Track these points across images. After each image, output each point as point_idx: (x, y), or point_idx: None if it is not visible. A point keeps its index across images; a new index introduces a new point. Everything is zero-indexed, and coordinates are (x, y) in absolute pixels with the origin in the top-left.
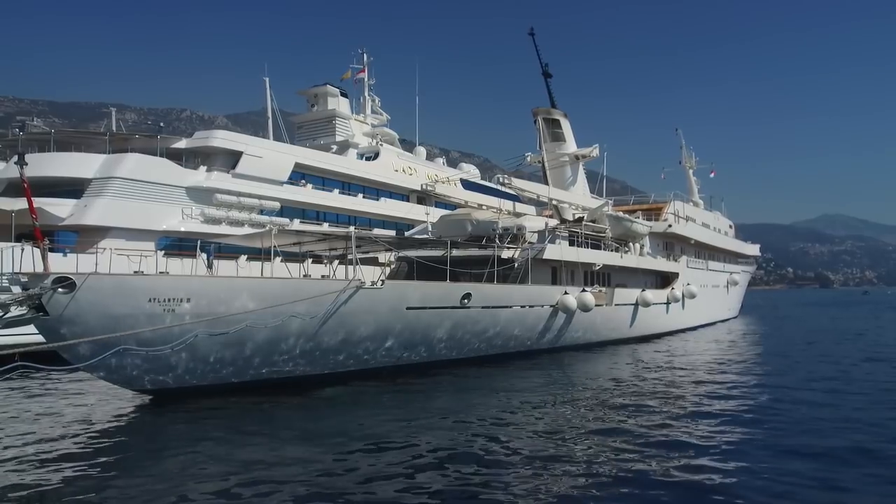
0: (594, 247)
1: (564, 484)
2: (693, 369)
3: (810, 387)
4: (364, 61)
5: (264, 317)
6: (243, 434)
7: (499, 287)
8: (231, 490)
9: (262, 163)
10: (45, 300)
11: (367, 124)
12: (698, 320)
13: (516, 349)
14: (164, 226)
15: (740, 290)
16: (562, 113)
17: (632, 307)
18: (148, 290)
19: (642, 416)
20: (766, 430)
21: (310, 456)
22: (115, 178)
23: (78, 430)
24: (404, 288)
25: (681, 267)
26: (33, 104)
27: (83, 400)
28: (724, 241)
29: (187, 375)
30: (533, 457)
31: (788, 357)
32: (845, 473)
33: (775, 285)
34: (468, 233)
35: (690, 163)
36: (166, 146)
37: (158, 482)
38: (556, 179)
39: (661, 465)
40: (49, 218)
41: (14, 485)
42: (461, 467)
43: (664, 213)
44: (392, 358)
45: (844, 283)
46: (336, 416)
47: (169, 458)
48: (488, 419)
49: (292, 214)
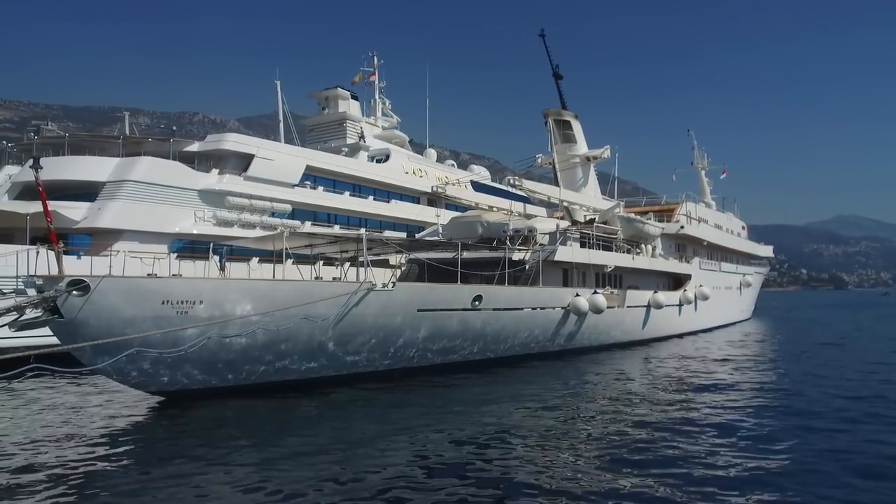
0: (606, 248)
1: (576, 485)
2: (707, 372)
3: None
4: (374, 64)
5: (276, 319)
6: (256, 436)
7: (510, 289)
8: (243, 492)
9: (273, 165)
10: (60, 302)
11: (378, 127)
12: (711, 322)
13: (527, 351)
14: (177, 228)
15: (753, 291)
16: (573, 114)
17: (644, 309)
18: (161, 293)
19: (655, 420)
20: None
21: (323, 457)
22: (128, 182)
23: (91, 432)
24: (415, 290)
25: (693, 268)
26: (48, 109)
27: (96, 402)
28: (736, 242)
29: (200, 377)
30: (541, 458)
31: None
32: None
33: (789, 287)
34: (479, 235)
35: (702, 164)
36: (179, 149)
37: (172, 484)
38: (567, 181)
39: (677, 470)
40: (63, 221)
41: (23, 487)
42: (473, 468)
43: (676, 214)
44: (403, 360)
45: (859, 285)
46: (348, 417)
47: (182, 459)
48: (499, 421)
49: (304, 217)
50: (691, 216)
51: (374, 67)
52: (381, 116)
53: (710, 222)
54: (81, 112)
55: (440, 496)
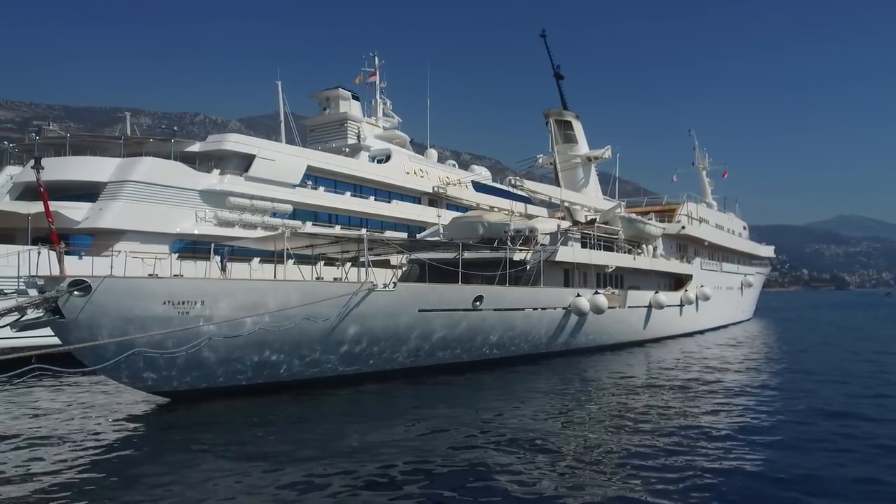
0: (607, 249)
1: (579, 489)
2: (710, 373)
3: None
4: (375, 64)
5: (277, 319)
6: (257, 437)
7: (511, 289)
8: (245, 494)
9: (274, 166)
10: (62, 303)
11: (379, 127)
12: (712, 322)
13: (529, 352)
14: (178, 229)
15: (755, 291)
16: (574, 114)
17: (645, 309)
18: (163, 293)
19: (658, 419)
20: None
21: (326, 458)
22: (129, 182)
23: (93, 433)
24: (416, 290)
25: (694, 269)
26: (49, 109)
27: (98, 402)
28: (737, 242)
29: (201, 378)
30: (549, 458)
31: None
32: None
33: (790, 287)
34: (480, 235)
35: (703, 164)
36: (180, 150)
37: (173, 485)
38: (569, 181)
39: (682, 471)
40: (65, 221)
41: (28, 489)
42: (474, 471)
43: (677, 214)
44: (404, 360)
45: (861, 285)
46: (349, 418)
47: (184, 460)
48: (500, 422)
49: (305, 217)
50: (692, 216)
51: (375, 67)
52: (382, 117)
53: (711, 222)
54: (83, 112)
55: (442, 497)
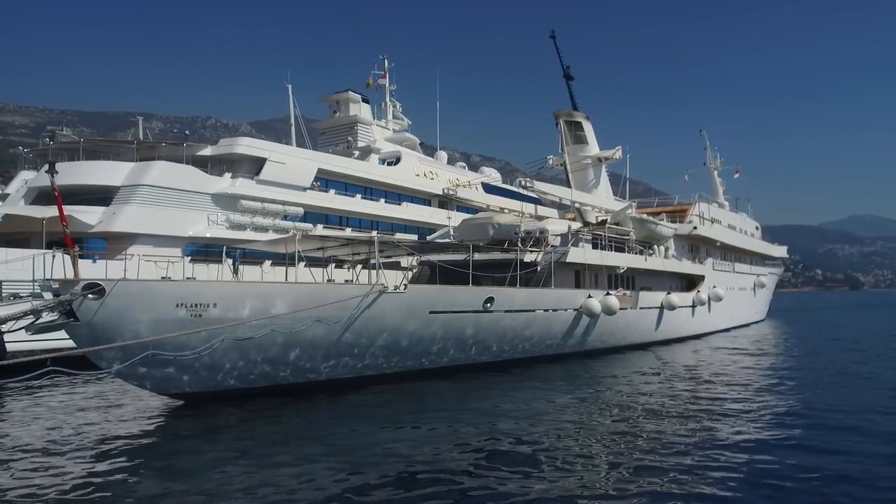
0: (618, 250)
1: (594, 489)
2: (724, 376)
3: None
4: (385, 67)
5: (289, 322)
6: (270, 438)
7: (522, 291)
8: (260, 493)
9: (285, 169)
10: (76, 306)
11: (389, 129)
12: (725, 323)
13: (540, 353)
14: (191, 232)
15: (767, 292)
16: (584, 115)
17: (657, 310)
18: (176, 296)
19: (672, 424)
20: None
21: (337, 459)
22: (142, 186)
23: (107, 436)
24: (427, 292)
25: (706, 269)
26: (63, 114)
27: (112, 404)
28: (750, 242)
29: (215, 380)
30: (555, 459)
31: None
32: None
33: (804, 287)
34: (490, 236)
35: (715, 164)
36: (192, 153)
37: (187, 487)
38: (579, 182)
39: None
40: (78, 225)
41: (41, 492)
42: (485, 471)
43: (689, 214)
44: (416, 362)
45: (875, 285)
46: (362, 419)
47: (198, 462)
48: (512, 424)
49: (316, 220)
50: (704, 217)
51: (385, 70)
52: (391, 119)
53: (723, 223)
54: (96, 117)
55: (455, 497)
